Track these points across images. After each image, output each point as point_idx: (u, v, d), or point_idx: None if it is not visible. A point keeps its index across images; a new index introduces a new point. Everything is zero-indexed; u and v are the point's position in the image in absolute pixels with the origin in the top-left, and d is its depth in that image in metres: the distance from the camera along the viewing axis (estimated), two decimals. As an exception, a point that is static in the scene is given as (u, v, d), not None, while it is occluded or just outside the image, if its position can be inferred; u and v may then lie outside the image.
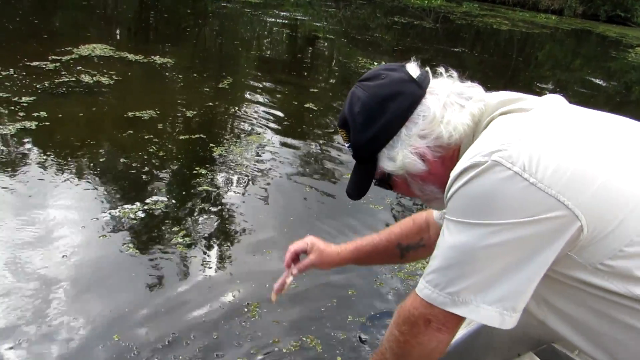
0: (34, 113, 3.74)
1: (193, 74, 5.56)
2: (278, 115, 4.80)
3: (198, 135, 3.91)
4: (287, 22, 10.46)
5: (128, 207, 2.79)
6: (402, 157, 0.93)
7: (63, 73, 4.66)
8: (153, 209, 2.81)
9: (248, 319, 2.13)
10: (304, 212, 3.09)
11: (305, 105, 5.17)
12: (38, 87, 4.24)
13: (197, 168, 3.37)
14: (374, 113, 0.94)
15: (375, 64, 7.49)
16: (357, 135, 0.97)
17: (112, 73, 4.86)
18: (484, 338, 1.29)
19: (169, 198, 2.97)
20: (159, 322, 2.05)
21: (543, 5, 21.78)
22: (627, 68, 11.34)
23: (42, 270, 2.22)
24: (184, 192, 3.09)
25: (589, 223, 0.75)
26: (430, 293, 0.85)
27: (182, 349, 1.93)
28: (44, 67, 4.72)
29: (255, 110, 4.82)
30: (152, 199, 2.91)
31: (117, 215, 2.70)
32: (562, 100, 0.94)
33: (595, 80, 9.21)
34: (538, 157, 0.76)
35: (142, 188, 3.06)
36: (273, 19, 10.46)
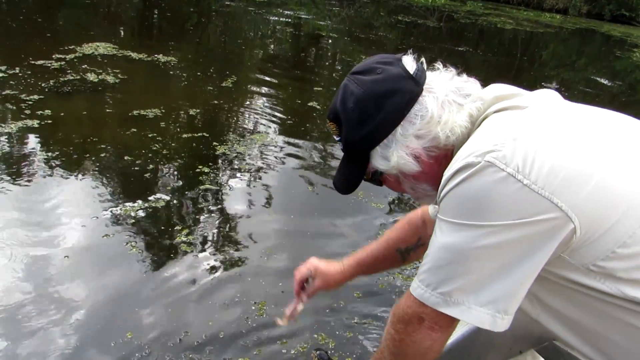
0: (39, 111, 3.76)
1: (197, 73, 5.57)
2: (281, 114, 4.81)
3: (202, 134, 3.92)
4: (290, 20, 10.46)
5: (132, 204, 2.80)
6: (396, 157, 0.91)
7: (68, 72, 4.68)
8: (157, 207, 2.82)
9: (256, 318, 2.14)
10: (307, 211, 3.10)
11: (309, 104, 5.18)
12: (43, 85, 4.26)
13: (200, 166, 3.39)
14: (369, 110, 0.90)
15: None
16: (350, 132, 0.94)
17: (116, 71, 4.88)
18: (486, 335, 1.29)
19: (173, 196, 2.98)
20: (167, 321, 2.06)
21: (547, 4, 21.69)
22: (631, 67, 11.29)
23: (45, 269, 2.23)
24: (188, 190, 3.10)
25: (582, 225, 0.74)
26: (423, 292, 0.85)
27: (191, 349, 1.93)
28: (49, 66, 4.74)
29: (259, 109, 4.83)
30: (155, 197, 2.92)
31: (121, 214, 2.71)
32: (556, 96, 0.93)
33: (600, 80, 9.17)
34: (532, 157, 0.75)
35: (145, 186, 3.07)
36: (276, 18, 10.46)
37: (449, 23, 13.99)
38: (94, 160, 3.27)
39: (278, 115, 4.75)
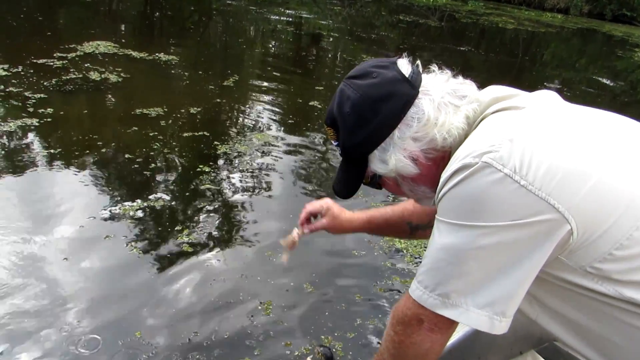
0: (42, 110, 3.76)
1: (198, 72, 5.57)
2: (283, 113, 4.81)
3: (203, 133, 3.92)
4: (291, 20, 10.46)
5: (133, 204, 2.81)
6: (394, 161, 0.91)
7: (71, 70, 4.68)
8: (158, 207, 2.83)
9: (261, 318, 2.14)
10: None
11: (310, 104, 5.18)
12: (46, 84, 4.26)
13: (201, 165, 3.39)
14: (366, 115, 0.90)
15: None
16: (347, 137, 0.95)
17: (118, 70, 4.88)
18: (486, 336, 1.29)
19: (176, 196, 2.98)
20: (172, 320, 2.06)
21: (549, 4, 21.66)
22: (633, 67, 11.28)
23: (48, 269, 2.23)
24: (190, 189, 3.10)
25: (579, 226, 0.74)
26: (421, 294, 0.84)
27: (197, 349, 1.93)
28: (52, 64, 4.75)
29: (260, 108, 4.84)
30: (157, 197, 2.92)
31: (122, 213, 2.71)
32: (554, 96, 0.93)
33: (602, 80, 9.16)
34: (529, 158, 0.74)
35: (147, 185, 3.07)
36: (278, 17, 10.46)
37: (451, 22, 13.98)
38: (96, 159, 3.27)
39: (279, 115, 4.75)
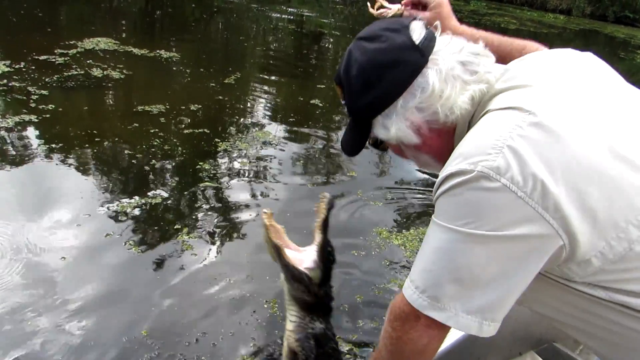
0: (42, 106, 3.76)
1: (200, 69, 5.57)
2: (283, 112, 4.81)
3: (203, 130, 3.92)
4: (293, 18, 10.45)
5: (132, 200, 2.80)
6: (396, 129, 0.91)
7: (73, 67, 4.67)
8: (159, 205, 2.82)
9: (264, 317, 2.13)
10: (307, 208, 3.10)
11: (311, 102, 5.18)
12: (47, 80, 4.25)
13: (201, 163, 3.38)
14: (371, 80, 0.90)
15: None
16: (352, 99, 0.95)
17: (120, 67, 4.87)
18: (486, 337, 1.30)
19: (176, 193, 2.98)
20: (177, 320, 2.06)
21: (551, 5, 21.64)
22: (635, 69, 11.27)
23: (46, 267, 2.22)
24: (190, 187, 3.09)
25: (572, 243, 0.75)
26: (412, 294, 0.85)
27: (202, 349, 1.93)
28: (54, 61, 4.74)
29: (261, 106, 4.83)
30: (156, 194, 2.92)
31: (123, 211, 2.71)
32: (592, 63, 0.91)
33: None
34: (527, 170, 0.73)
35: (147, 182, 3.07)
36: (279, 15, 10.45)
37: (452, 22, 13.92)
38: (97, 155, 3.27)
39: (280, 113, 4.75)
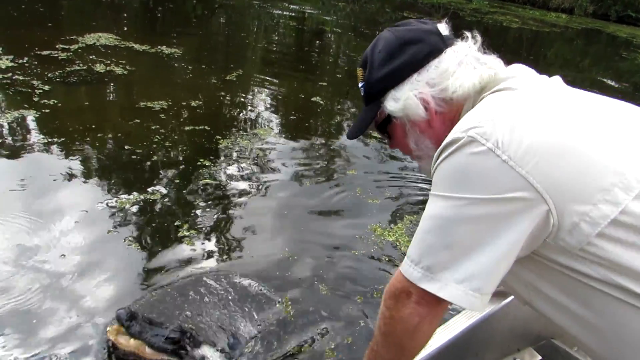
0: (45, 101, 3.76)
1: (201, 65, 5.56)
2: (285, 109, 4.81)
3: (204, 127, 3.92)
4: (294, 15, 10.43)
5: (131, 197, 2.81)
6: (405, 99, 0.97)
7: (76, 62, 4.68)
8: (158, 200, 2.83)
9: (269, 312, 2.13)
10: (306, 206, 3.10)
11: (312, 99, 5.17)
12: (50, 75, 4.26)
13: (202, 159, 3.39)
14: (394, 52, 0.98)
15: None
16: (372, 72, 1.01)
17: (122, 63, 4.88)
18: (484, 333, 1.30)
19: (177, 190, 2.99)
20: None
21: (553, 4, 21.58)
22: (637, 69, 11.25)
23: (45, 265, 2.21)
24: (191, 184, 3.10)
25: (558, 207, 0.75)
26: (408, 267, 0.87)
27: (206, 348, 1.92)
28: (56, 56, 4.74)
29: (262, 103, 4.83)
30: (157, 189, 2.93)
31: (123, 207, 2.71)
32: (557, 81, 0.97)
33: (606, 81, 9.14)
34: (511, 135, 0.77)
35: (147, 178, 3.07)
36: (281, 12, 10.43)
37: (455, 20, 13.83)
38: (98, 151, 3.27)
39: (281, 110, 4.75)
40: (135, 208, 2.71)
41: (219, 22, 8.99)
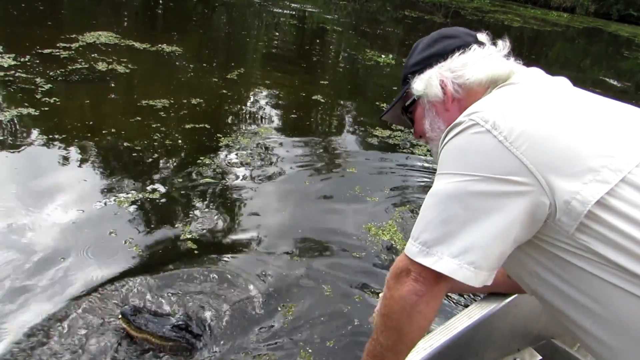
0: (47, 99, 3.77)
1: (202, 64, 5.56)
2: (286, 107, 4.81)
3: (205, 125, 3.92)
4: (295, 13, 10.42)
5: (134, 195, 2.81)
6: (427, 77, 1.09)
7: (79, 60, 4.68)
8: (158, 198, 2.83)
9: (264, 315, 2.14)
10: (306, 204, 3.11)
11: (313, 98, 5.17)
12: (52, 74, 4.26)
13: (201, 158, 3.39)
14: (432, 43, 1.13)
15: (383, 57, 7.47)
16: (412, 57, 1.16)
17: (123, 61, 4.88)
18: (484, 332, 1.30)
19: (176, 188, 2.99)
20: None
21: (555, 3, 21.56)
22: (638, 68, 11.23)
23: (45, 261, 2.22)
24: (191, 182, 3.10)
25: (550, 185, 0.79)
26: (409, 245, 0.90)
27: (209, 348, 1.94)
28: (58, 54, 4.75)
29: (263, 102, 4.83)
30: (157, 188, 2.93)
31: (124, 205, 2.72)
32: (565, 82, 1.02)
33: (608, 80, 9.13)
34: (507, 119, 0.83)
35: (147, 176, 3.07)
36: (281, 10, 10.42)
37: (456, 19, 13.91)
38: (99, 149, 3.27)
39: (282, 109, 4.75)
40: (136, 205, 2.71)
41: (220, 20, 8.98)
